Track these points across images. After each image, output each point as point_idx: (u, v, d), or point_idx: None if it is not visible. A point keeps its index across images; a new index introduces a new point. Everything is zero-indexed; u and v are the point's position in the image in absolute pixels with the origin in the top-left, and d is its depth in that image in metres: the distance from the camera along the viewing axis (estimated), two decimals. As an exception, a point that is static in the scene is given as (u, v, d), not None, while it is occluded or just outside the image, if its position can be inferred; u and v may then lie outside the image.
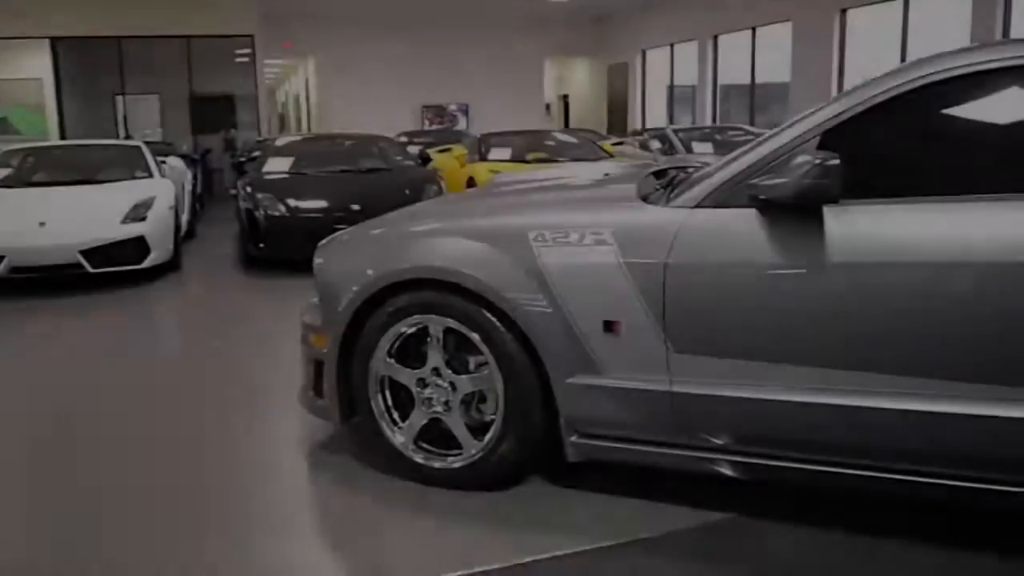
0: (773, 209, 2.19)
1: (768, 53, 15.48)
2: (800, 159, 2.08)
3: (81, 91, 14.77)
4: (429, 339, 2.67)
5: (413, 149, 14.00)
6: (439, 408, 2.70)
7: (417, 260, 2.65)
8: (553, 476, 2.72)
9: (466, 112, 20.56)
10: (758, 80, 16.07)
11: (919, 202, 2.12)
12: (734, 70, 16.65)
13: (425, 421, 2.73)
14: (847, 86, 13.40)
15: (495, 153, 9.24)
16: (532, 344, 2.48)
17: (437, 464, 2.70)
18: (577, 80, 23.38)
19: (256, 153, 9.16)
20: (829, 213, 2.13)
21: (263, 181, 7.30)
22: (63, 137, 13.78)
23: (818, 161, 2.05)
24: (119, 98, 15.14)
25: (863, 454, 2.18)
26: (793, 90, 14.45)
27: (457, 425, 2.68)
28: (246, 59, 15.76)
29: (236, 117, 16.57)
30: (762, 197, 2.17)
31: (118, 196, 6.71)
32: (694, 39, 17.41)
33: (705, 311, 2.27)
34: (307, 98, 22.82)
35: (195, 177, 10.76)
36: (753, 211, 2.22)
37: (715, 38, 16.81)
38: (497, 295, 2.49)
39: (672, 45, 18.57)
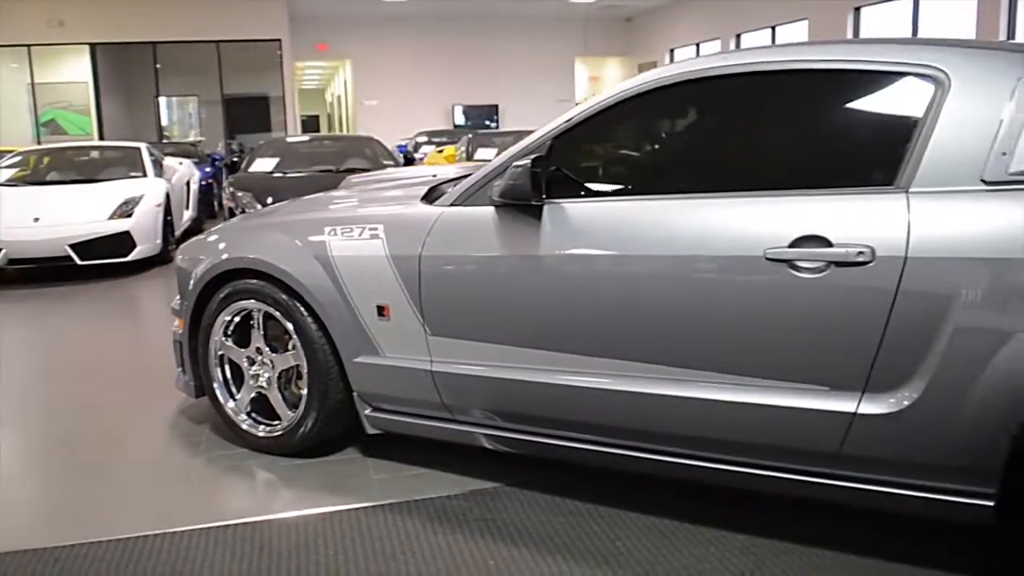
0: (504, 207, 2.46)
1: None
2: (515, 163, 2.35)
3: (121, 94, 15.64)
4: (252, 322, 3.03)
5: (429, 148, 14.49)
6: (263, 383, 3.05)
7: (238, 252, 3.00)
8: (368, 446, 3.05)
9: (496, 112, 20.90)
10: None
11: (622, 200, 2.35)
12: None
13: (253, 395, 3.08)
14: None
15: (481, 153, 9.55)
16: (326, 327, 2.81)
17: (260, 433, 3.06)
18: (609, 79, 23.49)
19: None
20: (547, 210, 2.39)
21: (245, 180, 7.78)
22: (102, 137, 14.64)
23: (519, 165, 2.31)
24: (159, 100, 15.98)
25: (598, 432, 2.41)
26: (810, 88, 14.35)
27: (275, 399, 3.02)
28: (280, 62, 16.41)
29: (271, 118, 17.25)
30: (490, 196, 2.45)
31: (108, 194, 7.27)
32: (718, 38, 17.40)
33: (450, 298, 2.55)
34: (346, 98, 23.50)
35: (213, 176, 11.39)
36: (491, 209, 2.49)
37: (738, 37, 16.78)
38: (298, 283, 2.82)
39: (698, 44, 18.57)
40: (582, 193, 2.40)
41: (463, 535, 2.41)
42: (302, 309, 2.85)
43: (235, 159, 9.80)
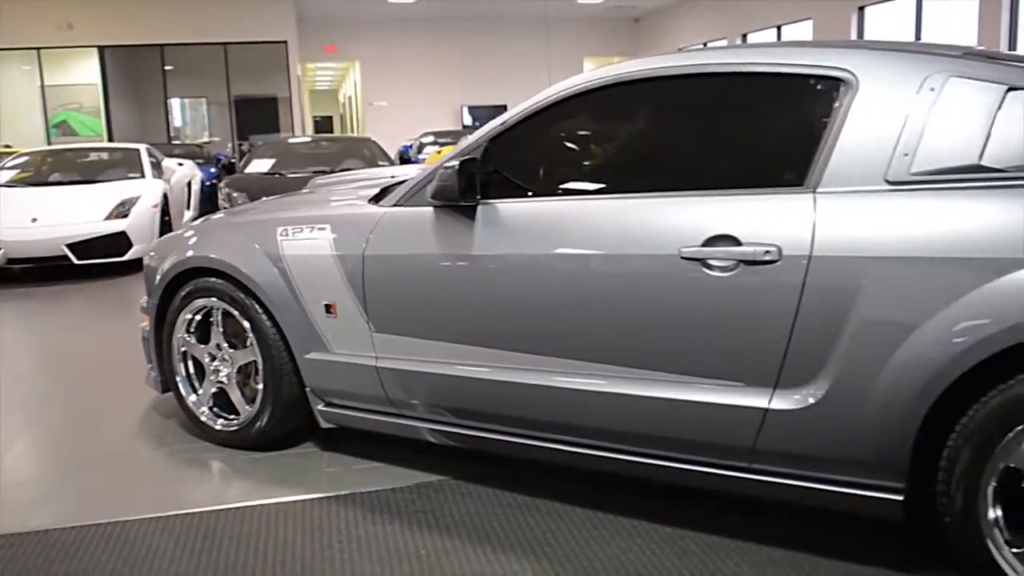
0: (441, 208, 2.52)
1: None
2: (444, 165, 2.41)
3: (130, 96, 15.86)
4: (212, 319, 3.11)
5: (432, 148, 14.58)
6: (223, 379, 3.13)
7: (198, 251, 3.08)
8: (326, 441, 3.12)
9: (504, 112, 20.97)
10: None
11: (549, 200, 2.40)
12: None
13: (214, 390, 3.16)
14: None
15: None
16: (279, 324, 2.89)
17: (219, 426, 3.14)
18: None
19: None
20: (481, 210, 2.45)
21: (240, 181, 7.90)
22: (111, 139, 14.85)
23: (448, 167, 2.38)
24: (168, 102, 16.18)
25: (529, 426, 2.47)
26: (814, 88, 14.31)
27: (234, 393, 3.10)
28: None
29: (280, 119, 17.41)
30: (427, 197, 2.52)
31: (105, 195, 7.41)
32: (724, 37, 17.37)
33: (392, 296, 2.62)
34: (356, 99, 23.66)
35: (217, 177, 11.54)
36: (430, 209, 2.56)
37: (744, 36, 16.75)
38: (252, 282, 2.90)
39: (704, 44, 18.55)
40: (516, 193, 2.46)
41: (401, 526, 2.48)
42: (257, 307, 2.93)
43: (233, 160, 9.93)
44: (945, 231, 1.83)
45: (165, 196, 7.92)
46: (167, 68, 15.37)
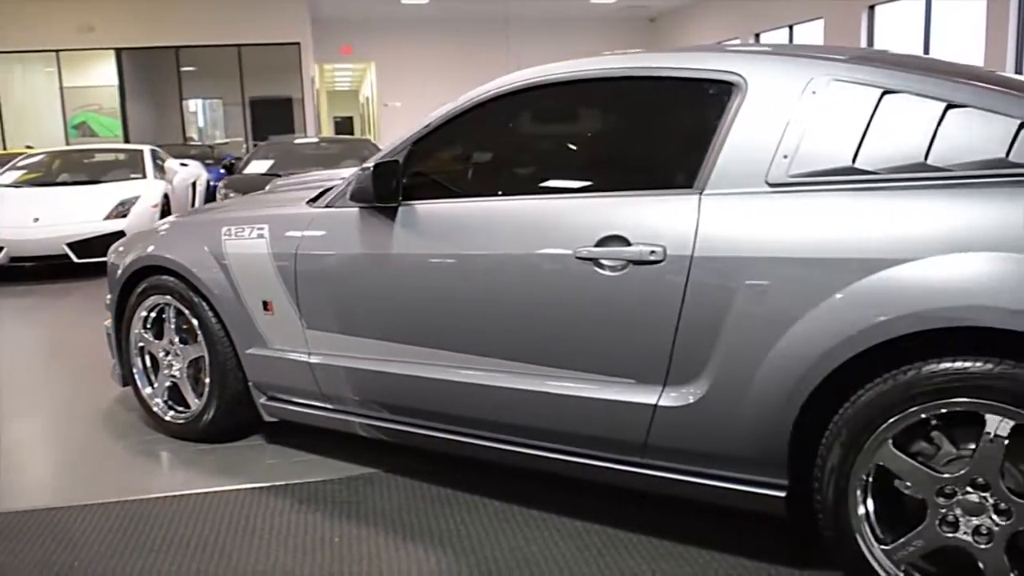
0: (366, 209, 2.60)
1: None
2: (362, 168, 2.50)
3: (146, 97, 16.15)
4: (165, 315, 3.22)
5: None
6: (176, 373, 3.24)
7: (151, 251, 3.19)
8: (273, 434, 3.22)
9: (518, 112, 21.03)
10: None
11: (461, 202, 2.48)
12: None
13: (168, 384, 3.27)
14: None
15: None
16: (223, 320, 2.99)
17: (169, 418, 3.25)
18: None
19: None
20: (401, 211, 2.53)
21: (238, 182, 8.05)
22: (127, 140, 15.14)
23: (364, 169, 2.46)
24: (184, 103, 16.46)
25: (444, 419, 2.54)
26: (825, 88, 14.22)
27: (185, 387, 3.21)
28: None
29: (295, 120, 17.61)
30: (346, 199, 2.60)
31: (106, 195, 7.60)
32: (738, 37, 17.31)
33: (321, 293, 2.71)
34: (373, 100, 23.86)
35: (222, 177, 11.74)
36: (356, 210, 2.64)
37: (756, 36, 16.68)
38: (198, 280, 3.00)
39: (719, 43, 18.46)
40: (436, 195, 2.54)
41: (323, 516, 2.56)
42: (204, 304, 3.03)
43: (234, 160, 10.10)
44: (816, 232, 1.87)
45: (166, 196, 8.09)
46: (183, 69, 15.64)
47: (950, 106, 1.85)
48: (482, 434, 2.45)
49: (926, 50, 11.76)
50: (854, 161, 1.89)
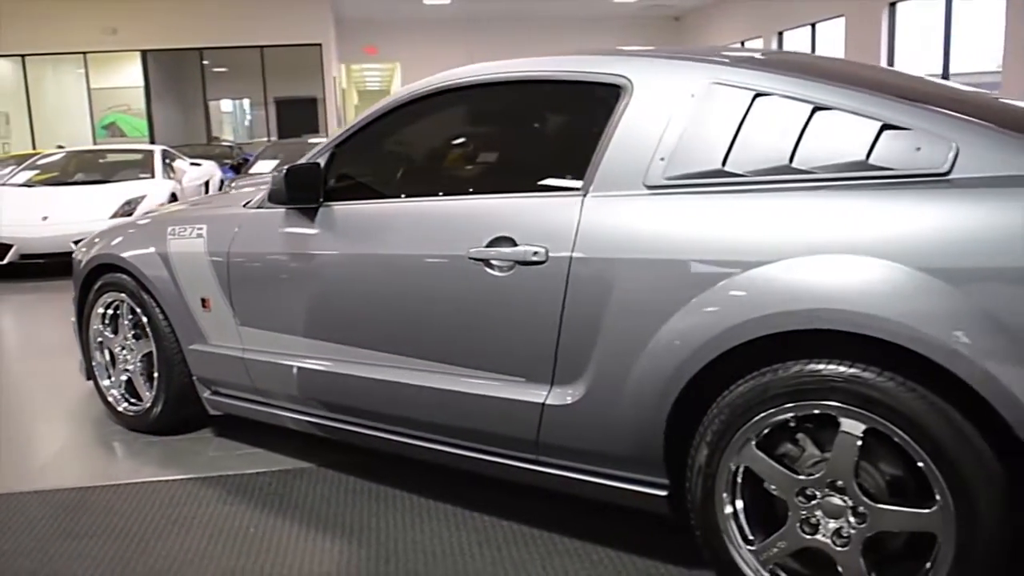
0: (292, 210, 2.67)
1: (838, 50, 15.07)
2: (276, 171, 2.57)
3: (172, 98, 16.49)
4: (120, 311, 3.33)
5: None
6: (129, 367, 3.35)
7: (106, 249, 3.31)
8: (224, 428, 3.31)
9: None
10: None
11: (371, 203, 2.53)
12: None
13: (124, 377, 3.39)
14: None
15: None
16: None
17: (121, 409, 3.36)
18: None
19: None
20: (321, 212, 2.59)
21: (242, 181, 8.21)
22: (152, 140, 15.48)
23: (277, 172, 2.53)
24: (208, 103, 16.78)
25: (362, 415, 2.60)
26: (846, 87, 14.03)
27: (138, 381, 3.32)
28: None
29: (319, 120, 17.83)
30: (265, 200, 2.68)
31: (113, 194, 7.81)
32: (760, 36, 17.14)
33: (250, 291, 2.79)
34: (399, 100, 24.03)
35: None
36: (282, 210, 2.71)
37: (780, 34, 16.50)
38: (146, 277, 3.11)
39: (742, 43, 18.31)
40: (355, 196, 2.60)
41: (247, 507, 2.64)
42: (152, 301, 3.13)
43: (241, 161, 10.28)
44: (684, 234, 1.89)
45: (174, 195, 8.28)
46: (207, 70, 15.95)
47: (817, 108, 1.85)
48: (394, 429, 2.51)
49: (946, 47, 11.55)
50: (724, 164, 1.91)
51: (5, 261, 7.39)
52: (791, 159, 1.84)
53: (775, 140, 1.87)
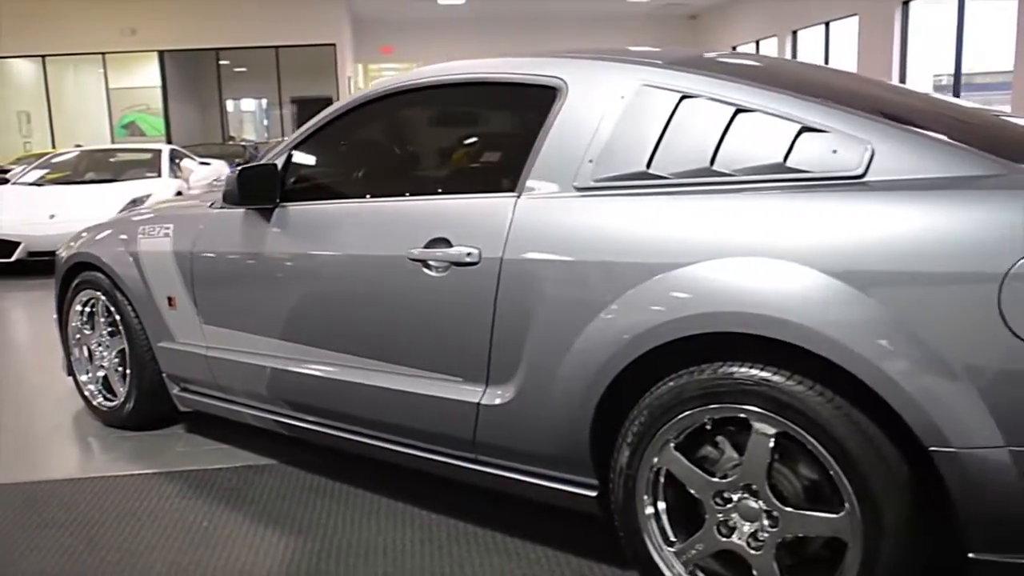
0: (252, 210, 2.71)
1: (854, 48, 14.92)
2: (229, 172, 2.61)
3: (188, 97, 16.69)
4: (95, 309, 3.40)
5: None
6: (105, 364, 3.41)
7: (83, 247, 3.38)
8: (196, 424, 3.37)
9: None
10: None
11: (322, 204, 2.55)
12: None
13: (101, 374, 3.45)
14: (908, 80, 12.79)
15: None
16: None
17: (97, 404, 3.43)
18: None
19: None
20: (277, 212, 2.63)
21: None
22: (170, 139, 15.68)
23: (230, 174, 2.57)
24: (225, 103, 16.97)
25: (314, 412, 2.63)
26: (860, 86, 13.90)
27: (113, 378, 3.39)
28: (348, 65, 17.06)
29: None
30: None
31: (119, 193, 7.93)
32: (775, 35, 17.01)
33: (212, 290, 2.84)
34: (416, 99, 24.14)
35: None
36: (242, 210, 2.75)
37: (794, 33, 16.37)
38: (117, 276, 3.17)
39: (757, 42, 18.18)
40: (310, 197, 2.63)
41: (204, 501, 2.69)
42: (124, 299, 3.20)
43: (253, 158, 10.37)
44: (606, 236, 1.90)
45: (179, 194, 8.39)
46: (223, 70, 16.13)
47: (739, 110, 1.86)
48: (345, 427, 2.54)
49: (959, 46, 11.38)
50: (648, 166, 1.92)
51: (13, 258, 7.53)
52: (712, 161, 1.84)
53: (698, 142, 1.87)
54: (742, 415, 1.72)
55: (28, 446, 3.29)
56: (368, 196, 2.43)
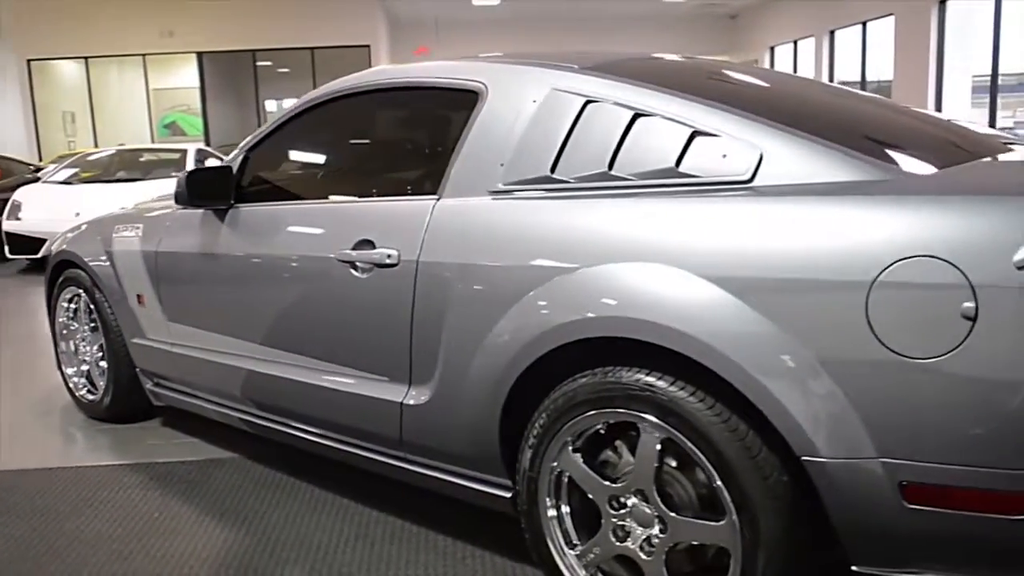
0: (211, 210, 2.78)
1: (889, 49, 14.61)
2: (181, 174, 2.69)
3: (226, 98, 17.03)
4: (78, 305, 3.52)
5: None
6: (87, 358, 3.53)
7: (65, 245, 3.50)
8: (175, 418, 3.47)
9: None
10: (879, 79, 15.18)
11: (265, 205, 2.61)
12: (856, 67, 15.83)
13: (85, 368, 3.57)
14: (946, 82, 12.48)
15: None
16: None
17: (79, 396, 3.56)
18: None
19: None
20: (230, 213, 2.70)
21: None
22: (208, 138, 16.03)
23: (181, 175, 2.65)
24: (261, 103, 17.29)
25: (264, 408, 2.70)
26: (896, 86, 13.60)
27: (94, 372, 3.50)
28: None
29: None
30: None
31: (141, 192, 8.13)
32: (812, 35, 16.73)
33: (174, 288, 2.92)
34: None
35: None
36: (202, 211, 2.83)
37: (831, 33, 16.07)
38: (94, 273, 3.28)
39: (795, 42, 17.89)
40: (261, 198, 2.70)
41: (161, 493, 2.78)
42: (102, 296, 3.31)
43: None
44: (512, 240, 1.92)
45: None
46: (259, 71, 16.44)
47: (638, 115, 1.86)
48: (291, 423, 2.60)
49: (995, 46, 11.06)
50: (553, 170, 1.93)
51: (39, 255, 7.78)
52: (611, 166, 1.85)
53: (598, 146, 1.88)
54: (629, 420, 1.73)
55: (11, 436, 3.42)
56: (308, 198, 2.49)
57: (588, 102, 1.94)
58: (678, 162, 1.77)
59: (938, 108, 12.61)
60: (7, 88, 16.35)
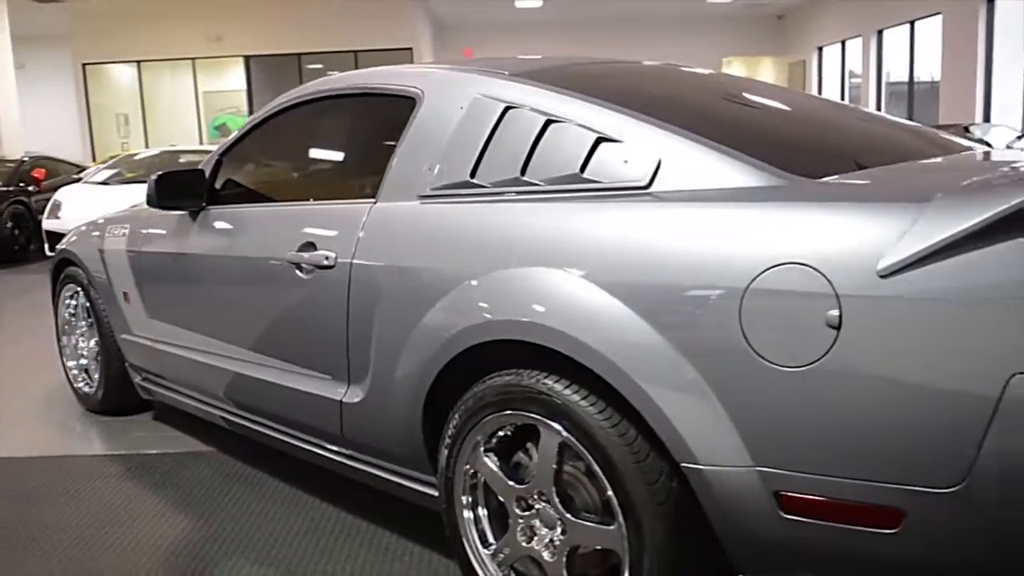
0: (186, 213, 2.89)
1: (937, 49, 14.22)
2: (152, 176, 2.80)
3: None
4: (76, 302, 3.67)
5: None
6: (84, 352, 3.68)
7: (66, 244, 3.66)
8: (166, 411, 3.59)
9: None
10: (927, 78, 14.79)
11: (229, 207, 2.71)
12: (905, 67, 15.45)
13: (83, 361, 3.73)
14: (995, 82, 12.10)
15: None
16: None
17: (77, 388, 3.71)
18: (762, 79, 22.60)
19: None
20: (201, 215, 2.80)
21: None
22: (252, 140, 16.40)
23: (151, 178, 2.75)
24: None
25: (240, 407, 2.78)
26: (944, 86, 13.24)
27: (90, 365, 3.65)
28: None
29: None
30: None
31: (176, 191, 8.40)
32: (859, 35, 16.37)
33: (152, 286, 3.04)
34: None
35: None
36: (177, 213, 2.93)
37: (879, 33, 15.71)
38: (88, 271, 3.43)
39: (843, 42, 17.52)
40: (232, 201, 2.79)
41: (134, 484, 2.89)
42: (95, 293, 3.45)
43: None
44: (433, 243, 1.97)
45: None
46: (305, 74, 16.78)
47: (550, 120, 1.88)
48: (254, 419, 2.68)
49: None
50: (472, 175, 1.97)
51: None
52: (523, 171, 1.88)
53: (513, 152, 1.92)
54: (530, 422, 1.75)
55: (10, 426, 3.59)
56: (265, 201, 2.57)
57: (508, 108, 1.97)
58: (583, 168, 1.79)
59: (987, 109, 12.24)
60: (64, 91, 17.02)
